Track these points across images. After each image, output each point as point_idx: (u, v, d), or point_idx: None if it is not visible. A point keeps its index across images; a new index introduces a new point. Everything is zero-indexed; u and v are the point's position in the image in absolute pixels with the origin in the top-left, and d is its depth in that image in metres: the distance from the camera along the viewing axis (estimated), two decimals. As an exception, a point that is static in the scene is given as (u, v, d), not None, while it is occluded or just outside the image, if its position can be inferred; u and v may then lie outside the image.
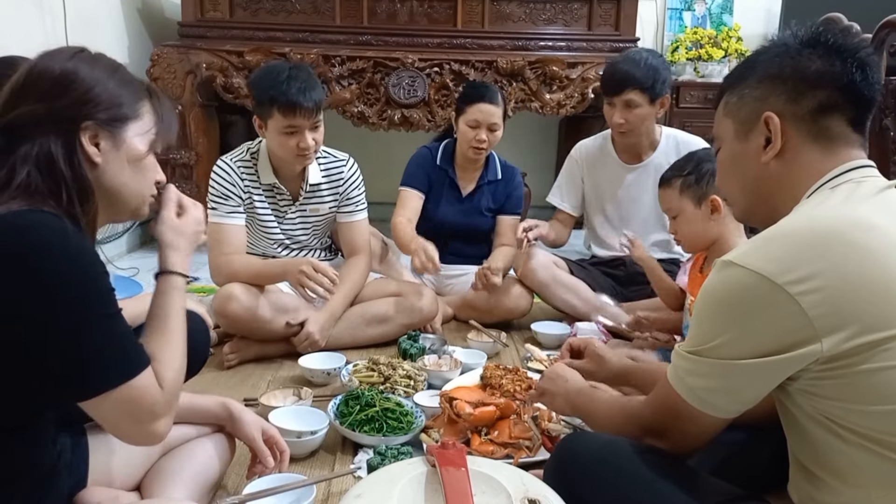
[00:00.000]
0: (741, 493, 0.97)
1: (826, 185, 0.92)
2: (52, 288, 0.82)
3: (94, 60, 0.95)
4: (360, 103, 3.50)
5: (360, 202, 2.27)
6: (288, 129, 1.99)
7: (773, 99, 0.97)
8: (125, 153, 0.95)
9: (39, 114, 0.88)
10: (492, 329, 2.27)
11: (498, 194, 2.58)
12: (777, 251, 0.84)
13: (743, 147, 1.01)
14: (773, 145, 0.96)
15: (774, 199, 0.99)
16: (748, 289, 0.84)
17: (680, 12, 4.39)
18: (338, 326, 2.13)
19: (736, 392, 0.89)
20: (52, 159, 0.87)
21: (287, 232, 2.22)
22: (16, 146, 0.87)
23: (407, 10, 3.55)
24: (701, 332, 0.90)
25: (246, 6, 3.50)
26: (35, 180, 0.86)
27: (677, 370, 0.94)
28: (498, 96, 2.42)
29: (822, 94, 0.94)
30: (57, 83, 0.90)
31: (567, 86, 3.54)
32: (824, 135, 0.94)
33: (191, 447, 1.24)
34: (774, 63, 0.98)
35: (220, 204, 2.09)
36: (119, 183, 0.96)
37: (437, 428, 1.56)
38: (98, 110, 0.91)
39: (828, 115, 0.94)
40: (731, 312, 0.86)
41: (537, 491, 1.00)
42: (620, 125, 2.31)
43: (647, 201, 2.44)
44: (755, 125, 0.98)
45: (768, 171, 0.98)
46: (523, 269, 2.38)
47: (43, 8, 2.76)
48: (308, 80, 1.99)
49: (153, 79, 3.37)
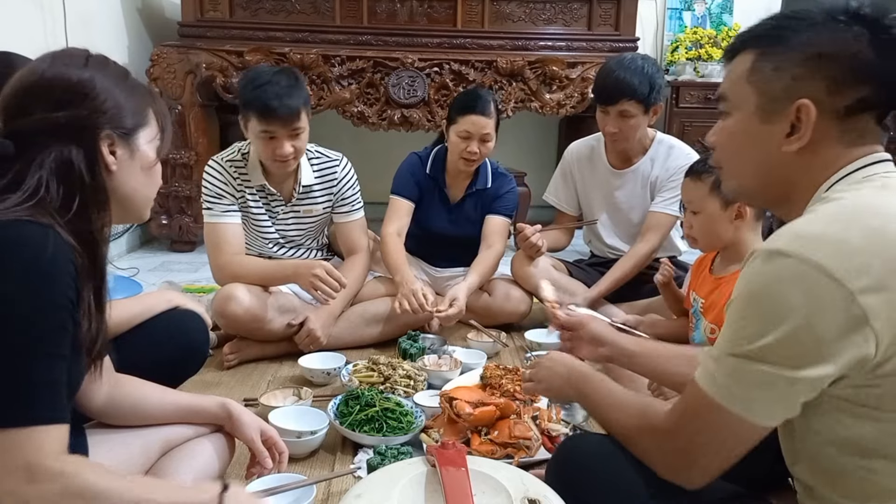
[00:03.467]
0: (743, 492, 0.97)
1: (849, 178, 0.85)
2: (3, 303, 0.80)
3: (106, 67, 0.95)
4: (360, 103, 3.50)
5: (356, 201, 2.26)
6: (264, 135, 1.96)
7: (814, 84, 0.85)
8: (139, 160, 0.97)
9: (59, 122, 0.88)
10: (492, 329, 2.27)
11: (486, 201, 2.46)
12: (827, 238, 0.77)
13: (763, 129, 0.90)
14: (801, 137, 0.86)
15: (786, 188, 0.91)
16: (799, 279, 0.76)
17: (680, 12, 4.39)
18: (338, 326, 2.13)
19: (790, 399, 0.80)
20: (71, 168, 0.88)
21: (281, 231, 2.21)
22: (28, 152, 0.87)
23: (407, 10, 3.55)
24: (743, 330, 0.81)
25: (246, 6, 3.50)
26: (48, 187, 0.86)
27: (717, 377, 0.83)
28: (490, 106, 2.30)
29: (867, 91, 0.84)
30: (75, 92, 0.90)
31: (567, 86, 3.54)
32: (852, 130, 0.86)
33: (190, 447, 1.24)
34: (827, 38, 0.85)
35: (215, 203, 2.08)
36: (132, 189, 0.97)
37: (437, 428, 1.56)
38: (115, 119, 0.92)
39: (861, 112, 0.86)
40: (779, 304, 0.77)
41: (537, 491, 1.00)
42: (614, 134, 2.27)
43: (637, 207, 2.44)
44: (785, 108, 0.87)
45: (786, 160, 0.89)
46: (522, 273, 2.37)
47: (43, 8, 2.76)
48: (289, 85, 1.93)
49: (153, 79, 3.38)
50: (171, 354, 1.48)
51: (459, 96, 2.48)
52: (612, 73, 2.20)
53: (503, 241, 2.43)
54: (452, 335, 2.33)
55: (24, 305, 0.81)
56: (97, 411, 1.16)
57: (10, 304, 0.80)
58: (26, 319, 0.81)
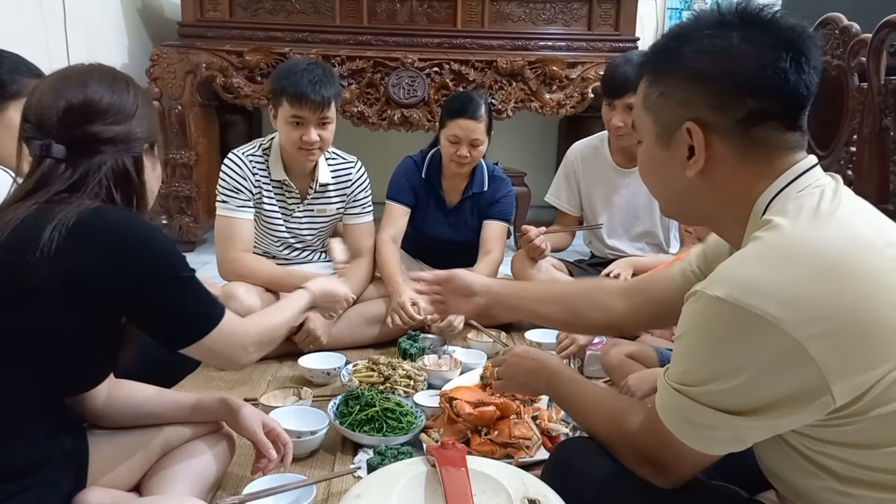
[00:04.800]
0: (740, 495, 0.97)
1: (784, 195, 0.82)
2: (157, 263, 1.01)
3: (140, 91, 1.10)
4: (360, 103, 3.50)
5: (367, 204, 2.28)
6: (293, 120, 2.00)
7: (698, 105, 0.83)
8: (156, 166, 1.15)
9: (118, 135, 1.03)
10: (492, 329, 2.27)
11: (482, 204, 2.46)
12: (779, 288, 0.73)
13: (665, 155, 0.88)
14: (696, 160, 0.84)
15: (706, 209, 0.90)
16: (750, 335, 0.73)
17: (680, 12, 4.40)
18: (338, 326, 2.13)
19: (739, 440, 0.81)
20: (126, 171, 1.04)
21: (293, 230, 2.22)
22: (83, 158, 1.00)
23: (407, 9, 3.55)
24: (691, 369, 0.81)
25: (246, 6, 3.50)
26: (106, 188, 1.01)
27: (669, 408, 0.84)
28: (481, 110, 2.28)
29: (753, 104, 0.81)
30: (126, 112, 1.05)
31: (567, 86, 3.54)
32: (758, 146, 0.83)
33: (190, 447, 1.24)
34: (701, 57, 0.83)
35: (231, 197, 2.08)
36: (151, 190, 1.13)
37: (437, 428, 1.56)
38: (147, 132, 1.09)
39: (759, 124, 0.82)
40: (727, 356, 0.76)
41: (537, 491, 1.00)
42: (619, 128, 2.30)
43: (642, 207, 2.44)
44: (677, 131, 0.85)
45: (695, 185, 0.86)
46: (522, 273, 2.37)
47: (43, 8, 2.76)
48: (324, 75, 2.00)
49: (153, 79, 3.38)
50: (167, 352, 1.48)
51: (450, 99, 2.47)
52: (619, 68, 2.26)
53: (501, 247, 2.43)
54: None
55: (173, 253, 1.05)
56: (96, 413, 1.17)
57: (168, 259, 1.03)
58: (179, 260, 1.06)
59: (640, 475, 0.93)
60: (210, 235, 3.48)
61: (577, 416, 1.12)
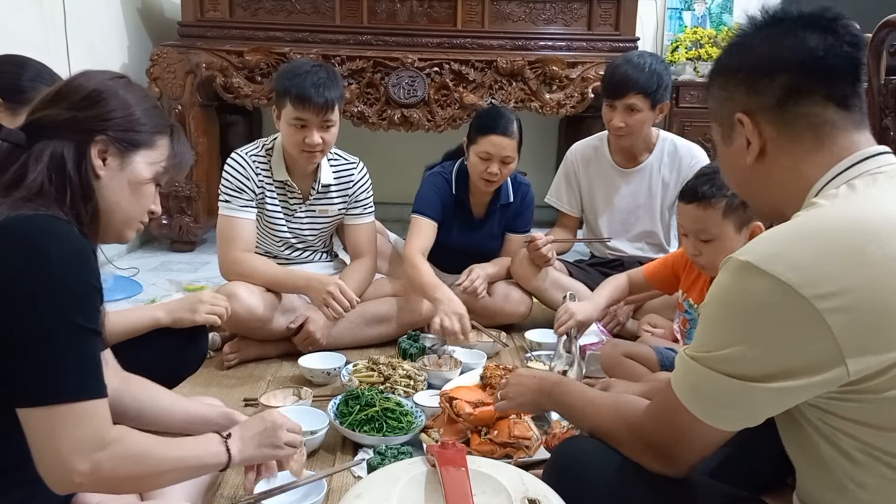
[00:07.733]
0: (741, 494, 0.97)
1: (836, 181, 0.84)
2: (40, 290, 0.83)
3: (129, 87, 1.01)
4: (360, 103, 3.50)
5: (369, 205, 2.29)
6: (296, 122, 1.99)
7: (738, 96, 0.91)
8: (128, 174, 1.00)
9: (62, 119, 0.94)
10: (492, 329, 2.27)
11: (509, 215, 2.48)
12: (803, 258, 0.75)
13: (730, 151, 0.96)
14: (752, 146, 0.91)
15: (770, 199, 0.94)
16: (771, 300, 0.75)
17: (680, 12, 4.39)
18: (338, 326, 2.13)
19: (749, 411, 0.81)
20: (62, 161, 0.93)
21: (294, 231, 2.22)
22: (35, 145, 0.93)
23: (407, 9, 3.55)
24: (711, 336, 0.83)
25: (246, 6, 3.50)
26: (44, 180, 0.91)
27: (683, 379, 0.86)
28: (513, 126, 2.24)
29: (784, 80, 0.87)
30: (87, 97, 0.96)
31: (567, 86, 3.54)
32: (801, 123, 0.87)
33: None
34: (728, 55, 0.94)
35: (234, 197, 2.08)
36: (114, 201, 0.99)
37: (437, 428, 1.56)
38: (114, 128, 0.97)
39: (798, 100, 0.87)
40: (747, 322, 0.78)
41: (537, 491, 1.00)
42: (619, 129, 2.29)
43: (642, 207, 2.44)
44: (733, 126, 0.93)
45: (756, 173, 0.92)
46: (522, 273, 2.37)
47: (43, 8, 2.76)
48: (327, 77, 2.00)
49: (153, 79, 3.38)
50: (168, 353, 1.48)
51: (480, 115, 2.38)
52: (620, 68, 2.25)
53: None
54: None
55: (72, 290, 0.85)
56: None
57: (62, 289, 0.84)
58: (81, 301, 0.85)
59: (646, 466, 0.93)
60: (210, 235, 3.49)
61: (582, 420, 1.11)
